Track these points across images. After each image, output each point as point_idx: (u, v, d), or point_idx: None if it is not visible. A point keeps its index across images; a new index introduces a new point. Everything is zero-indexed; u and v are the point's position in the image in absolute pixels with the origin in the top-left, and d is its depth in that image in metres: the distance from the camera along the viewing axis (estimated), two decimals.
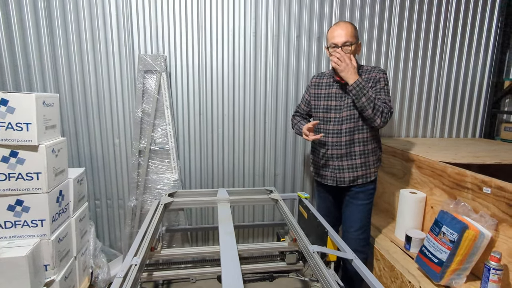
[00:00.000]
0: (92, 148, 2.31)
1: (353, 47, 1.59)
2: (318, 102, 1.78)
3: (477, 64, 2.55)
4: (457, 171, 1.60)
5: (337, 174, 1.74)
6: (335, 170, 1.75)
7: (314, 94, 1.81)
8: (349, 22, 1.63)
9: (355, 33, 1.61)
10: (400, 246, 1.82)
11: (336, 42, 1.59)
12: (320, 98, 1.77)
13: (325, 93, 1.75)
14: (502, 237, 1.36)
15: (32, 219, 1.51)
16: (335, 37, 1.59)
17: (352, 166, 1.71)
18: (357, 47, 1.63)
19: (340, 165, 1.73)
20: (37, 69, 2.15)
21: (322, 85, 1.78)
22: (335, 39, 1.59)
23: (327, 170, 1.78)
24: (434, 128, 2.63)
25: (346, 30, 1.58)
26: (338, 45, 1.58)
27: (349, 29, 1.58)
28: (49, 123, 1.57)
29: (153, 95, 2.19)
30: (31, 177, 1.48)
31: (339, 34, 1.58)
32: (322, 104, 1.75)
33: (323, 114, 1.75)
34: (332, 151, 1.72)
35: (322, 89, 1.77)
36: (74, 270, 1.78)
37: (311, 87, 1.83)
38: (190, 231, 2.49)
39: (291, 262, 1.93)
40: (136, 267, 1.24)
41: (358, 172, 1.71)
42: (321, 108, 1.76)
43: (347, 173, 1.72)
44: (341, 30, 1.58)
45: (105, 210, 2.41)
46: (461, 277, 1.42)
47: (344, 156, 1.70)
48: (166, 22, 2.21)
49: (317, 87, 1.80)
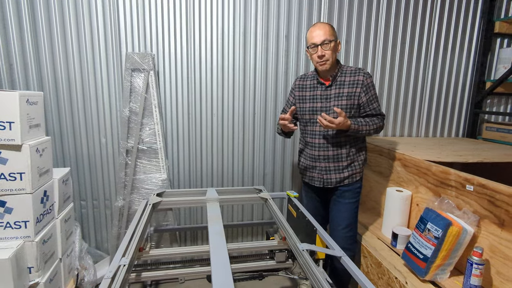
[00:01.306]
0: (78, 147, 2.26)
1: (332, 44, 1.63)
2: (303, 104, 1.79)
3: (460, 66, 2.63)
4: (441, 170, 1.65)
5: (324, 176, 1.77)
6: (322, 171, 1.77)
7: (299, 96, 1.82)
8: (326, 23, 1.67)
9: (333, 32, 1.65)
10: (387, 243, 1.86)
11: (315, 42, 1.63)
12: (305, 100, 1.78)
13: (310, 95, 1.76)
14: (483, 233, 1.41)
15: (15, 221, 1.47)
16: (314, 37, 1.63)
17: (339, 168, 1.74)
18: (336, 45, 1.67)
19: (327, 166, 1.75)
20: (19, 67, 2.08)
21: (307, 87, 1.79)
22: (314, 39, 1.63)
23: (314, 172, 1.80)
24: (419, 127, 2.69)
25: (324, 30, 1.62)
26: (317, 44, 1.62)
27: (326, 28, 1.63)
28: (33, 122, 1.53)
29: (140, 93, 2.16)
30: (14, 177, 1.44)
31: (317, 34, 1.62)
32: (307, 106, 1.77)
33: (309, 116, 1.76)
34: (320, 152, 1.74)
35: (306, 91, 1.78)
36: (59, 272, 1.74)
37: (296, 89, 1.84)
38: (179, 231, 2.47)
39: (280, 260, 1.94)
40: (124, 268, 1.22)
41: (345, 174, 1.74)
42: (307, 110, 1.77)
43: (334, 174, 1.75)
44: (319, 30, 1.63)
45: (91, 211, 2.37)
46: (445, 272, 1.47)
47: (331, 157, 1.73)
48: (154, 19, 2.18)
49: (301, 89, 1.81)
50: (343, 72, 1.70)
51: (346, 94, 1.66)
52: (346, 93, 1.66)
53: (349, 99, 1.66)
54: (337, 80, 1.69)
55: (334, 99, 1.68)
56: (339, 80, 1.69)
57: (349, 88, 1.66)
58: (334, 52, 1.66)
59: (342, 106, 1.66)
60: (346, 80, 1.68)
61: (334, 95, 1.68)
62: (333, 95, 1.69)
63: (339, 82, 1.69)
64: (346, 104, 1.66)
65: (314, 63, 1.69)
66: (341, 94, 1.67)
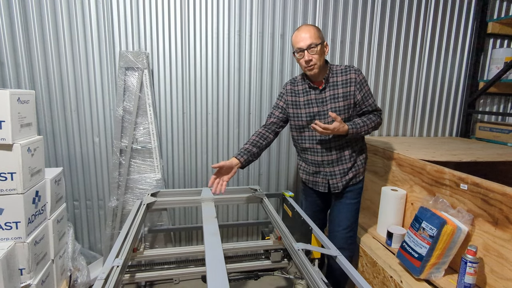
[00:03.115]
0: (71, 147, 2.22)
1: (319, 48, 1.55)
2: (298, 110, 1.71)
3: (453, 66, 2.66)
4: (436, 169, 1.66)
5: (329, 181, 1.73)
6: (326, 176, 1.73)
7: (291, 101, 1.74)
8: (311, 25, 1.59)
9: (319, 34, 1.57)
10: (382, 242, 1.87)
11: (301, 46, 1.55)
12: (299, 105, 1.71)
13: (304, 100, 1.69)
14: (477, 231, 1.42)
15: (6, 221, 1.44)
16: (299, 41, 1.55)
17: (344, 170, 1.70)
18: (323, 47, 1.60)
19: (332, 171, 1.71)
20: (10, 65, 2.04)
21: (299, 92, 1.72)
22: (299, 44, 1.55)
23: (318, 177, 1.76)
24: (413, 127, 2.71)
25: (309, 33, 1.54)
26: (303, 48, 1.54)
27: (312, 31, 1.54)
28: (24, 121, 1.50)
29: (134, 92, 2.14)
30: (4, 177, 1.41)
31: (302, 38, 1.54)
32: (303, 112, 1.70)
33: (306, 121, 1.69)
34: (323, 157, 1.70)
35: (299, 96, 1.71)
36: (51, 273, 1.71)
37: (287, 94, 1.75)
38: (174, 231, 2.45)
39: (276, 260, 1.93)
40: (118, 269, 1.21)
41: (350, 175, 1.71)
42: (303, 116, 1.70)
43: (340, 177, 1.71)
44: (304, 33, 1.54)
45: (84, 211, 2.34)
46: (440, 271, 1.47)
47: (335, 161, 1.69)
48: (148, 17, 2.16)
49: (293, 95, 1.73)
50: (334, 72, 1.65)
51: (342, 94, 1.62)
52: (341, 94, 1.62)
53: (345, 99, 1.62)
54: (330, 82, 1.64)
55: (330, 101, 1.63)
56: (331, 82, 1.64)
57: (343, 88, 1.62)
58: (322, 55, 1.59)
59: (340, 107, 1.62)
60: (338, 80, 1.63)
61: (330, 97, 1.63)
62: (328, 97, 1.64)
63: (331, 84, 1.64)
64: (344, 105, 1.62)
65: (302, 68, 1.62)
66: (336, 95, 1.63)
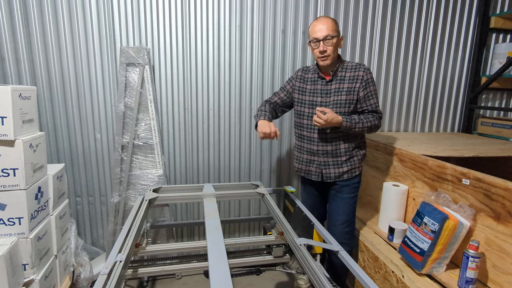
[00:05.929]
0: (72, 143, 2.23)
1: (334, 40, 1.60)
2: (303, 97, 1.77)
3: (455, 61, 2.64)
4: (437, 164, 1.65)
5: (322, 170, 1.76)
6: (320, 165, 1.76)
7: (298, 87, 1.79)
8: (329, 17, 1.64)
9: (336, 27, 1.62)
10: (384, 237, 1.87)
11: (318, 37, 1.60)
12: (305, 93, 1.76)
13: (311, 88, 1.75)
14: (479, 226, 1.42)
15: (9, 217, 1.45)
16: (317, 32, 1.60)
17: (338, 162, 1.73)
18: (338, 40, 1.65)
19: (326, 161, 1.74)
20: (11, 61, 2.04)
21: (308, 80, 1.77)
22: (316, 34, 1.60)
23: (312, 166, 1.79)
24: (415, 122, 2.70)
25: (327, 25, 1.59)
26: (319, 39, 1.59)
27: (330, 23, 1.59)
28: (26, 117, 1.50)
29: (136, 88, 2.14)
30: (7, 173, 1.42)
31: (320, 28, 1.59)
32: (307, 99, 1.75)
33: (308, 109, 1.75)
34: (318, 147, 1.73)
35: (307, 84, 1.77)
36: (54, 269, 1.72)
37: (296, 79, 1.81)
38: (176, 227, 2.46)
39: (278, 255, 1.94)
40: (121, 264, 1.21)
41: (344, 168, 1.73)
42: (306, 104, 1.75)
43: (333, 168, 1.74)
44: (322, 25, 1.59)
45: (87, 207, 2.34)
46: (442, 266, 1.48)
47: (330, 152, 1.72)
48: (149, 13, 2.15)
49: (302, 81, 1.79)
50: (344, 67, 1.69)
51: (346, 89, 1.65)
52: (346, 88, 1.65)
53: (348, 94, 1.65)
54: (338, 75, 1.68)
55: (334, 94, 1.67)
56: (339, 75, 1.68)
57: (349, 84, 1.65)
58: (336, 48, 1.64)
59: (341, 101, 1.65)
60: (346, 75, 1.67)
61: (334, 90, 1.67)
62: (333, 90, 1.68)
63: (339, 77, 1.68)
64: (346, 99, 1.65)
65: (316, 57, 1.67)
66: (340, 89, 1.66)
